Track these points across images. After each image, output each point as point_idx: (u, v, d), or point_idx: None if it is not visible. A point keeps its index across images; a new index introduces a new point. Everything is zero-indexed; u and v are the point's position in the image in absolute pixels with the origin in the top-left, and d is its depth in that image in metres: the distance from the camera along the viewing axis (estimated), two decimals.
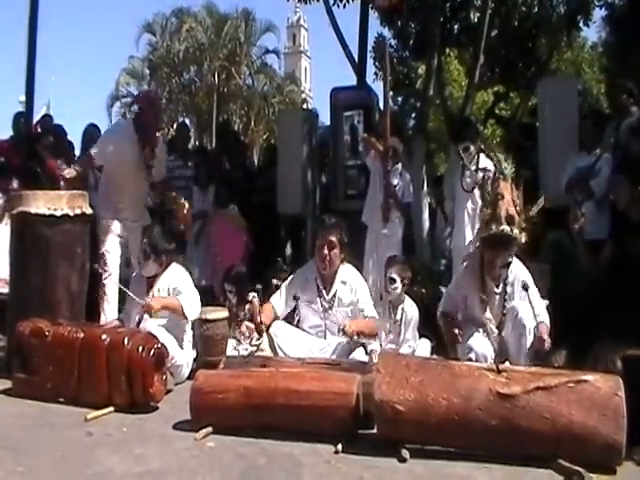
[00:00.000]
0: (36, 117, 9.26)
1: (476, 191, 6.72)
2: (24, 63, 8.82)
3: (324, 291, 5.47)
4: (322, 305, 5.46)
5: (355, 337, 5.16)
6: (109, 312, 6.09)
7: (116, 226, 6.31)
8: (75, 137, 8.82)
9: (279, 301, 5.56)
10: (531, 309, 4.76)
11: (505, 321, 4.97)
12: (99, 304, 6.13)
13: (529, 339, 4.78)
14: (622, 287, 5.08)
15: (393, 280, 5.91)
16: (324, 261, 5.42)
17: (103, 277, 6.19)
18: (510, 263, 4.94)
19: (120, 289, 5.79)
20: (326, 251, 5.39)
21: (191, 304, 5.25)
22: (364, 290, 5.55)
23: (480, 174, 6.61)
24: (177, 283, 5.41)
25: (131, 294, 5.35)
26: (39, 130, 8.74)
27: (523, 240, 4.86)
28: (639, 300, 4.95)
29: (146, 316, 5.25)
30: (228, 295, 6.35)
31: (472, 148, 7.04)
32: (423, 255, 8.41)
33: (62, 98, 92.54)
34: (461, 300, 5.24)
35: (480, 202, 5.75)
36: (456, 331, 4.94)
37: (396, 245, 7.12)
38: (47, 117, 9.59)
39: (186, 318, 5.24)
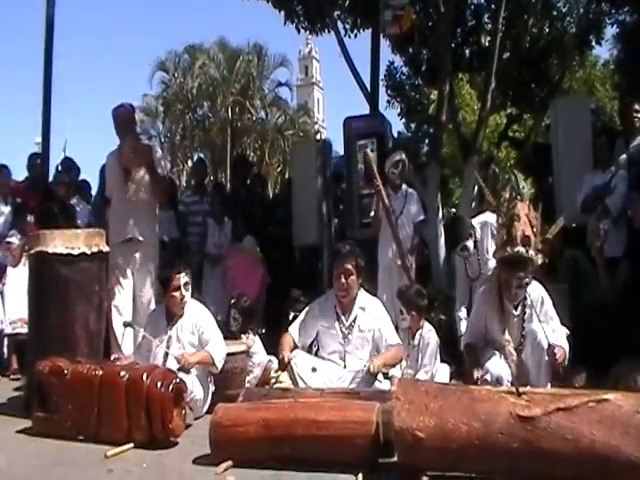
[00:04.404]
0: (53, 159, 9.43)
1: None
2: (40, 105, 8.99)
3: (343, 317, 5.43)
4: (341, 331, 5.41)
5: (382, 371, 5.13)
6: (121, 349, 6.12)
7: (126, 259, 6.33)
8: (92, 177, 8.98)
9: (298, 331, 5.51)
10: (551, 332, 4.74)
11: (524, 343, 4.92)
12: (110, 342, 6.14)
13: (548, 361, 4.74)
14: None
15: (401, 312, 6.03)
16: (342, 289, 5.40)
17: (114, 316, 6.21)
18: (527, 284, 4.90)
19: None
20: (343, 280, 5.36)
21: (219, 352, 5.27)
22: (384, 316, 5.51)
23: None
24: (201, 325, 5.40)
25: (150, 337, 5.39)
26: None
27: (539, 261, 4.83)
28: None
29: (171, 353, 5.24)
30: (231, 321, 6.46)
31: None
32: (440, 281, 8.35)
33: (78, 139, 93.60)
34: (482, 324, 5.21)
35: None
36: (475, 375, 4.89)
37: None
38: (67, 159, 9.74)
39: (217, 368, 5.25)
